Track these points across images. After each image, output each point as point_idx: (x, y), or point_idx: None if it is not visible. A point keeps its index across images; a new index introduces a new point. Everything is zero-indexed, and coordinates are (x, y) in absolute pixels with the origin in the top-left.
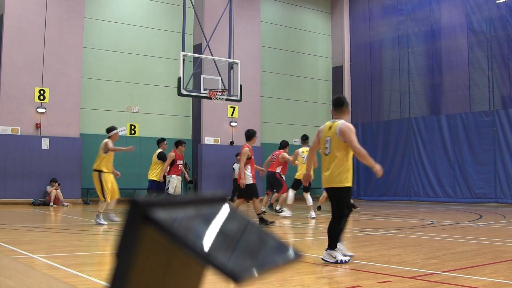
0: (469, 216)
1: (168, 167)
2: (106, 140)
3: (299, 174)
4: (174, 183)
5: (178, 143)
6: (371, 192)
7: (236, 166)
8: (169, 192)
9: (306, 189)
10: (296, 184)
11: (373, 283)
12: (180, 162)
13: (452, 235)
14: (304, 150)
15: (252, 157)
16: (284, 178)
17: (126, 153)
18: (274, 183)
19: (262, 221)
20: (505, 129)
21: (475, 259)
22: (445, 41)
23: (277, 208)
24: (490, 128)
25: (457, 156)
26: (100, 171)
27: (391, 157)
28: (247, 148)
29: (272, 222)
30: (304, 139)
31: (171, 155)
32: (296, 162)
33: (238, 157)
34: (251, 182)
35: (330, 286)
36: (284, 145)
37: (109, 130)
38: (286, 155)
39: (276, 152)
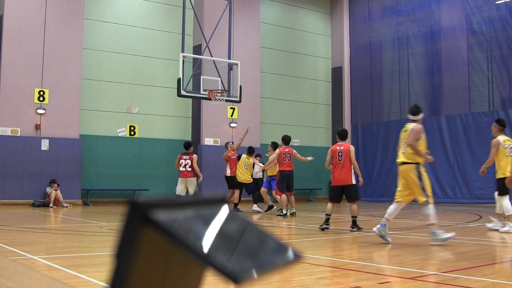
0: (469, 217)
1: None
2: (415, 125)
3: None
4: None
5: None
6: (371, 193)
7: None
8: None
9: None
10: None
11: (373, 284)
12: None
13: None
14: (506, 139)
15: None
16: None
17: (125, 154)
18: (291, 183)
19: (355, 224)
20: (505, 130)
21: (475, 259)
22: (445, 42)
23: (293, 211)
24: (490, 129)
25: (456, 157)
26: (417, 164)
27: (391, 158)
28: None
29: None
30: (502, 124)
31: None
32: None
33: (258, 158)
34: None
35: (330, 286)
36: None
37: (416, 111)
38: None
39: (287, 150)
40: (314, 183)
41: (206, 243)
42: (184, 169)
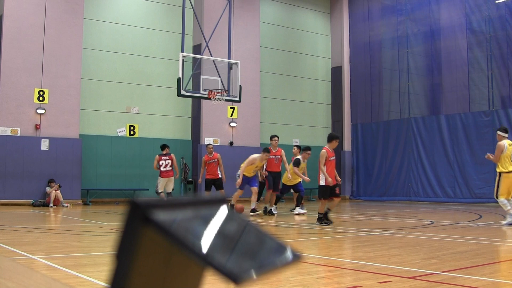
0: (469, 216)
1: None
2: None
3: None
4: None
5: (164, 146)
6: (370, 192)
7: None
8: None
9: None
10: None
11: (373, 283)
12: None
13: (452, 235)
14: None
15: (330, 158)
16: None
17: (125, 153)
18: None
19: (321, 219)
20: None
21: (475, 259)
22: (444, 41)
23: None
24: (490, 128)
25: (456, 156)
26: None
27: (391, 157)
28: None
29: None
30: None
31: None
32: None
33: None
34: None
35: (329, 286)
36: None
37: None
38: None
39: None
40: (314, 182)
41: (205, 243)
42: (165, 169)
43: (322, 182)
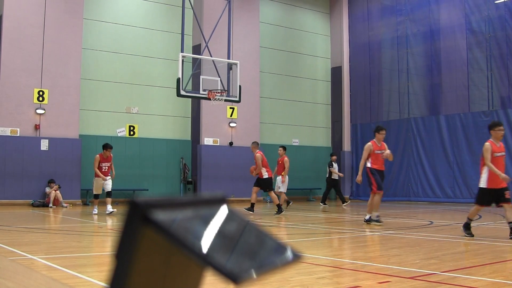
0: None
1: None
2: None
3: None
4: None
5: (104, 146)
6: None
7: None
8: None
9: None
10: None
11: (373, 283)
12: (105, 164)
13: (452, 235)
14: None
15: (495, 154)
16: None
17: (125, 154)
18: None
19: (467, 226)
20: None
21: (475, 259)
22: (444, 42)
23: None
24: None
25: (456, 156)
26: None
27: None
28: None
29: None
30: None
31: (96, 157)
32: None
33: (334, 157)
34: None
35: (329, 286)
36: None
37: None
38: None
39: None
40: (313, 182)
41: (205, 243)
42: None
43: (483, 184)
